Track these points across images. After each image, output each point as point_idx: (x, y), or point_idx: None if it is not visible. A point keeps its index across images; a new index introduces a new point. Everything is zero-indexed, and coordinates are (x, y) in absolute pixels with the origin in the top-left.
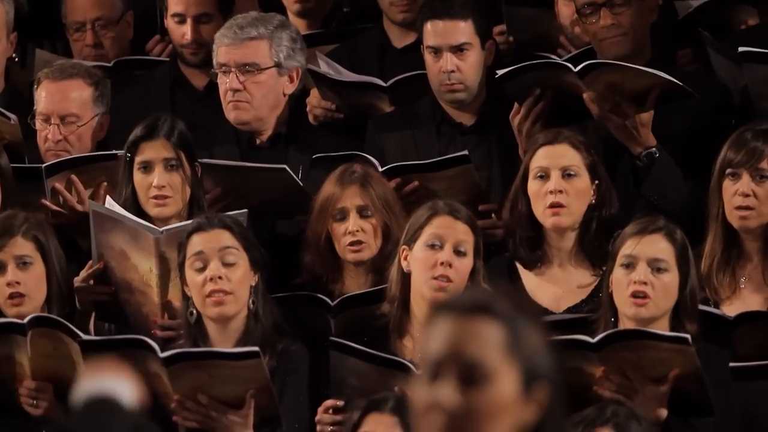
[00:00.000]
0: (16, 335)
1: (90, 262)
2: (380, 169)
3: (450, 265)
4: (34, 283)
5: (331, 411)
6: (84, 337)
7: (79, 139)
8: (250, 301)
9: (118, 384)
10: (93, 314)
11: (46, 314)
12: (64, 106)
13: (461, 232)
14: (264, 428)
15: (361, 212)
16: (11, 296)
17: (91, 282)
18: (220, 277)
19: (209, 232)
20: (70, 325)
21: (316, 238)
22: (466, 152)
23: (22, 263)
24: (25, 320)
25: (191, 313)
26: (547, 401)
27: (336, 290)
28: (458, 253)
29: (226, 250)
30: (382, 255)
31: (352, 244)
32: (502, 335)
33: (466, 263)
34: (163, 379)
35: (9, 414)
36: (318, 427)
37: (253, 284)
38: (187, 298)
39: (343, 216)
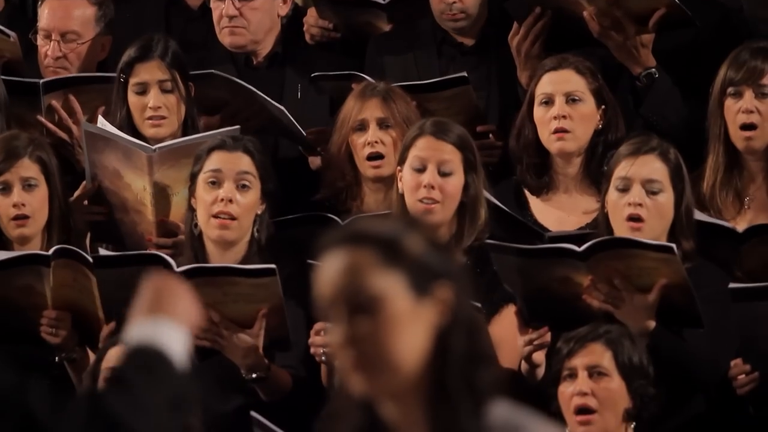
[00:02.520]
0: (39, 266)
1: (84, 182)
2: None
3: (433, 187)
4: (39, 204)
5: (322, 333)
6: (97, 254)
7: (79, 57)
8: (255, 230)
9: (172, 333)
10: (88, 235)
11: (69, 247)
12: (66, 23)
13: (445, 152)
14: (273, 349)
15: (381, 124)
16: (16, 218)
17: (86, 202)
18: (230, 200)
19: (232, 153)
20: (90, 257)
21: (336, 151)
22: (464, 74)
23: (28, 185)
24: (50, 251)
25: (195, 225)
26: (451, 298)
27: (354, 207)
28: (444, 173)
29: (244, 175)
30: None
31: (371, 156)
32: (374, 255)
33: (454, 182)
34: None
35: (27, 341)
36: (311, 350)
37: (259, 212)
38: (192, 210)
39: (363, 127)
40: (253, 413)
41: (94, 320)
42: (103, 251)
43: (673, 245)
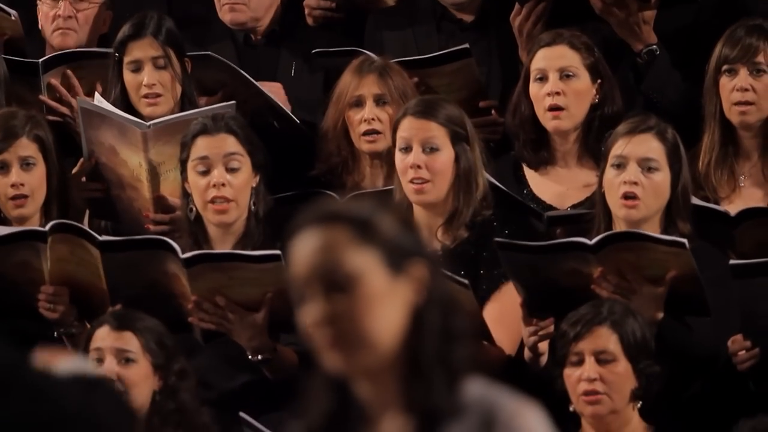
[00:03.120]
0: (36, 242)
1: (81, 159)
2: None
3: (420, 166)
4: (37, 183)
5: None
6: (103, 237)
7: (87, 21)
8: (251, 203)
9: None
10: (87, 211)
11: (66, 221)
12: None
13: (429, 130)
14: (278, 332)
15: (378, 101)
16: (14, 197)
17: (83, 179)
18: (223, 184)
19: (215, 136)
20: (89, 230)
21: (332, 126)
22: (466, 45)
23: (26, 164)
24: (47, 227)
25: (191, 210)
26: (426, 276)
27: (350, 182)
28: (430, 150)
29: (231, 157)
30: None
31: (367, 133)
32: (348, 233)
33: (441, 158)
34: (181, 280)
35: (25, 317)
36: None
37: (254, 185)
38: (187, 195)
39: (360, 103)
40: (242, 414)
41: (96, 293)
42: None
43: (685, 240)
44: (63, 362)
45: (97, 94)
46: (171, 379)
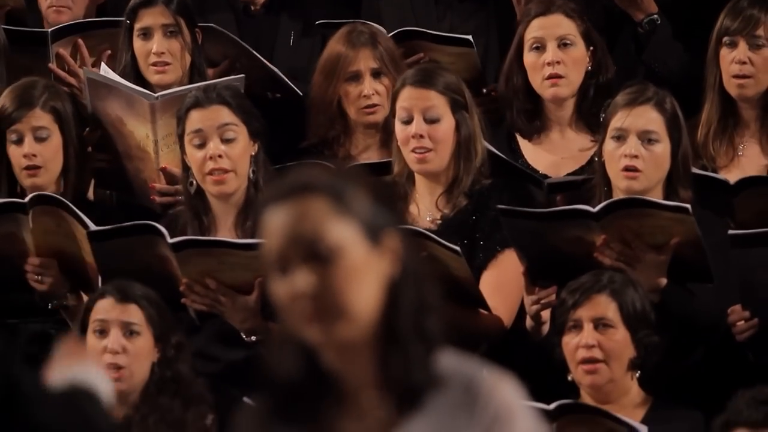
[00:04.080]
0: (17, 214)
1: (87, 129)
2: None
3: (422, 136)
4: (51, 154)
5: None
6: (92, 228)
7: None
8: (251, 171)
9: (92, 373)
10: (93, 182)
11: (46, 193)
12: None
13: (429, 99)
14: (271, 314)
15: (375, 75)
16: (28, 168)
17: (89, 149)
18: (219, 156)
19: (207, 108)
20: (70, 204)
21: (327, 100)
22: (469, 37)
23: (39, 136)
24: (26, 199)
25: (191, 183)
26: (399, 247)
27: (342, 153)
28: (431, 120)
29: (225, 128)
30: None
31: (367, 107)
32: (328, 203)
33: (442, 127)
34: (172, 262)
35: (16, 290)
36: None
37: (253, 153)
38: (186, 168)
39: (357, 78)
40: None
41: (85, 265)
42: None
43: (689, 206)
44: (63, 369)
45: (103, 65)
46: (169, 351)
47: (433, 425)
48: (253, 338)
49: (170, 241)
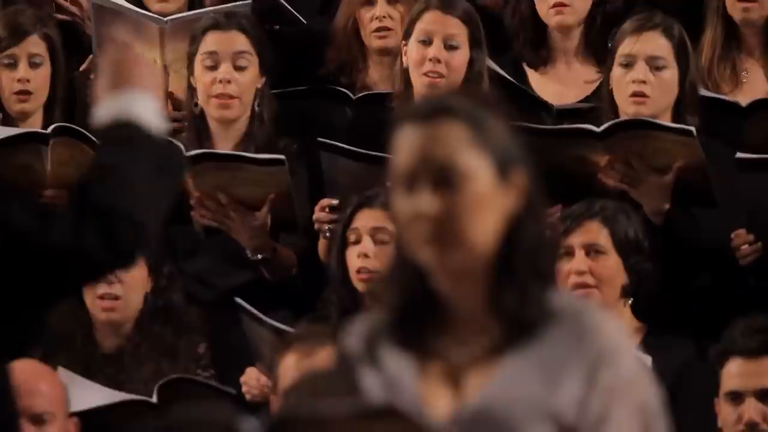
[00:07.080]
0: (38, 144)
1: (90, 56)
2: None
3: (440, 60)
4: (42, 82)
5: (327, 209)
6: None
7: None
8: (255, 104)
9: (141, 103)
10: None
11: (70, 125)
12: None
13: (452, 26)
14: (280, 232)
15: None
16: (19, 92)
17: (92, 76)
18: (228, 81)
19: (226, 32)
20: (91, 135)
21: (342, 25)
22: None
23: (34, 62)
24: (49, 129)
25: (195, 104)
26: (526, 184)
27: (359, 81)
28: (450, 47)
29: (240, 54)
30: None
31: (378, 30)
32: (465, 131)
33: (459, 57)
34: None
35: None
36: (315, 225)
37: (259, 86)
38: (192, 89)
39: (371, 2)
40: (237, 300)
41: None
42: None
43: (693, 128)
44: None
45: None
46: (162, 280)
47: (538, 358)
48: (259, 256)
49: (188, 153)
